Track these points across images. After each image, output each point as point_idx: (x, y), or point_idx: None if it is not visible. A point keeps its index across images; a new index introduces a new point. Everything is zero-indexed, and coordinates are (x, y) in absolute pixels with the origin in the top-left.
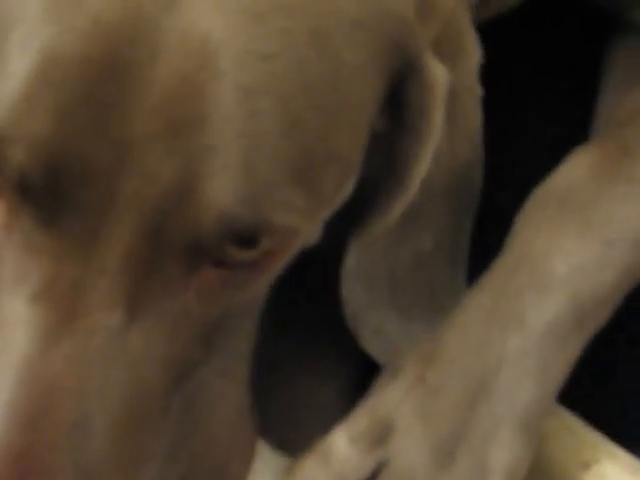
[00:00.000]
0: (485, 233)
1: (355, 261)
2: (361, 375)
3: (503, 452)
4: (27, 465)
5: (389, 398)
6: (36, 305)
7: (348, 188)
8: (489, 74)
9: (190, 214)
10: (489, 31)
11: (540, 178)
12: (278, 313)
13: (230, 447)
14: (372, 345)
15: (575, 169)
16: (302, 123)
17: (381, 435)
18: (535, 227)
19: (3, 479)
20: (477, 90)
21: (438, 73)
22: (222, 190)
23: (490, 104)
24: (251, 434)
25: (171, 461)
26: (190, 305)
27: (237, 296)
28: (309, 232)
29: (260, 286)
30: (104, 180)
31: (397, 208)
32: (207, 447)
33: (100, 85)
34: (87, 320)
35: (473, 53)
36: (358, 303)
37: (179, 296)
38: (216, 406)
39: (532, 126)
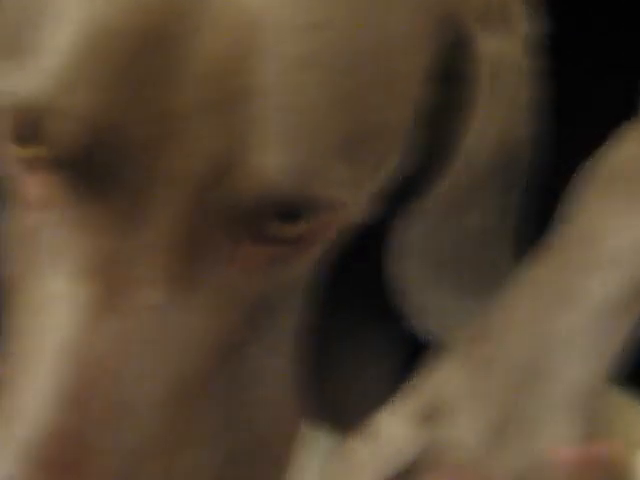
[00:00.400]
0: (535, 208)
1: (403, 238)
2: (411, 352)
3: (555, 431)
4: (73, 444)
5: (440, 377)
6: (78, 282)
7: (395, 163)
8: (557, 45)
9: (234, 188)
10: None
11: (595, 152)
12: (328, 290)
13: (275, 426)
14: (421, 322)
15: (629, 143)
16: (349, 95)
17: (431, 414)
18: (590, 202)
19: (46, 460)
20: (527, 62)
21: (486, 45)
22: (267, 163)
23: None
24: (297, 412)
25: (217, 438)
26: (235, 281)
27: (282, 272)
28: (355, 208)
29: (306, 263)
30: (148, 153)
31: (445, 183)
32: (252, 426)
33: (144, 57)
34: (130, 297)
35: (522, 24)
36: (406, 280)
37: (224, 272)
38: (262, 384)
39: (596, 98)
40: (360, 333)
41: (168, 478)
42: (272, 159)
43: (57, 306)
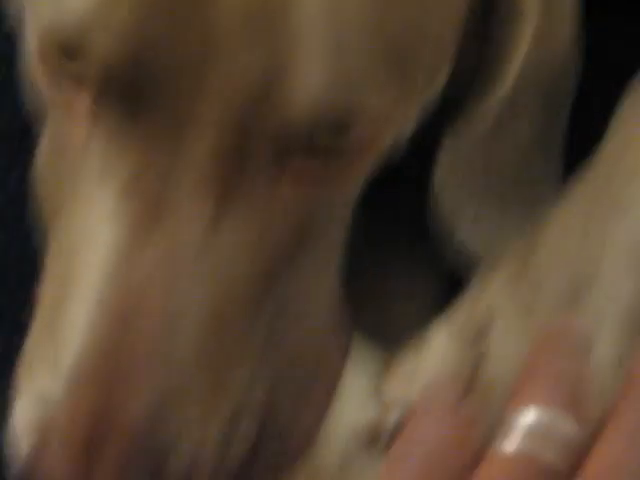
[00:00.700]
0: (583, 126)
1: (449, 156)
2: (456, 271)
3: (607, 349)
4: (118, 363)
5: (488, 293)
6: (124, 199)
7: (442, 77)
8: None
9: (280, 104)
10: None
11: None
12: (372, 208)
13: (324, 344)
14: (467, 239)
15: None
16: (393, 6)
17: (480, 330)
18: (634, 114)
19: (93, 377)
20: None
21: None
22: (311, 79)
23: None
24: (346, 330)
25: (267, 355)
26: (281, 198)
27: (330, 189)
28: (402, 122)
29: (353, 180)
30: (190, 72)
31: (493, 99)
32: (301, 344)
33: None
34: (176, 215)
35: None
36: (452, 198)
37: (270, 188)
38: (310, 302)
39: None
40: (407, 242)
41: (218, 393)
42: (315, 74)
43: (102, 224)
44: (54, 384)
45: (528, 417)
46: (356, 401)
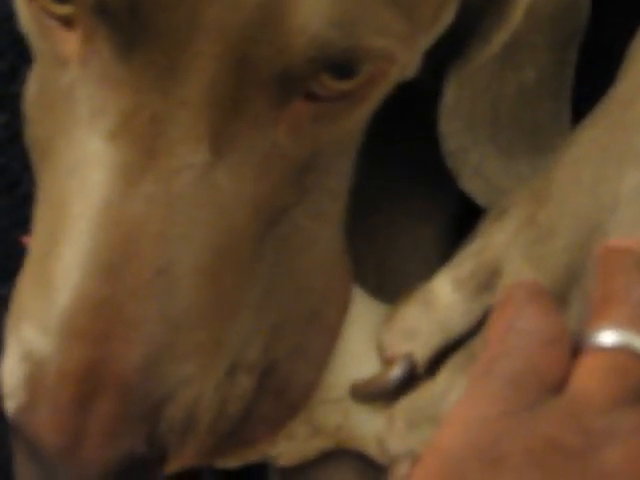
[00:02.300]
0: (592, 65)
1: (454, 96)
2: (460, 217)
3: None
4: (110, 315)
5: (496, 240)
6: (115, 142)
7: (448, 14)
8: None
9: (278, 40)
10: None
11: None
12: (374, 152)
13: (324, 292)
14: (472, 185)
15: None
16: None
17: (487, 280)
18: None
19: (84, 329)
20: None
21: None
22: (312, 12)
23: None
24: (346, 279)
25: (264, 308)
26: (281, 141)
27: (331, 132)
28: (407, 60)
29: (355, 121)
30: (186, 4)
31: (499, 37)
32: (301, 293)
33: None
34: (170, 157)
35: None
36: (458, 140)
37: (269, 131)
38: (310, 250)
39: None
40: (409, 192)
41: (214, 347)
42: (317, 7)
43: (93, 168)
44: (43, 338)
45: (610, 337)
46: (356, 354)
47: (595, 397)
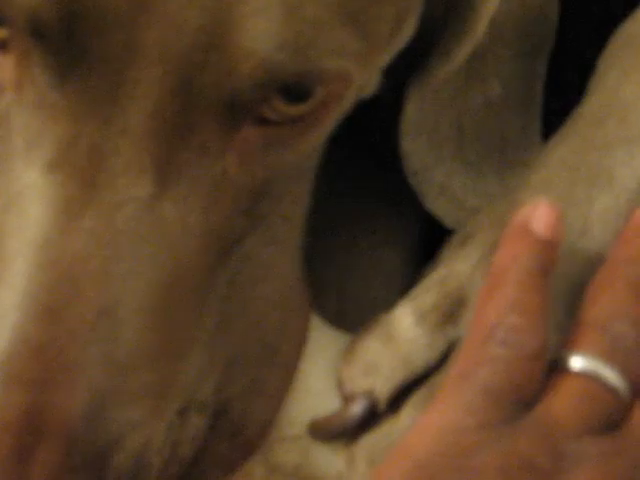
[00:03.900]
0: (562, 77)
1: (417, 112)
2: (426, 239)
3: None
4: (51, 359)
5: (459, 268)
6: (53, 174)
7: (407, 29)
8: None
9: (225, 64)
10: None
11: (625, 16)
12: (333, 170)
13: (280, 324)
14: (437, 205)
15: None
16: None
17: (451, 311)
18: (622, 71)
19: (23, 376)
20: None
21: None
22: (260, 33)
23: None
24: (304, 309)
25: (216, 344)
26: (230, 169)
27: (284, 157)
28: (363, 81)
29: (310, 144)
30: (124, 26)
31: (463, 50)
32: (255, 326)
33: None
34: (111, 190)
35: None
36: (421, 159)
37: (217, 159)
38: (264, 279)
39: None
40: (371, 214)
41: (163, 388)
42: (266, 28)
43: (30, 201)
44: None
45: (580, 363)
46: (315, 390)
47: (567, 421)
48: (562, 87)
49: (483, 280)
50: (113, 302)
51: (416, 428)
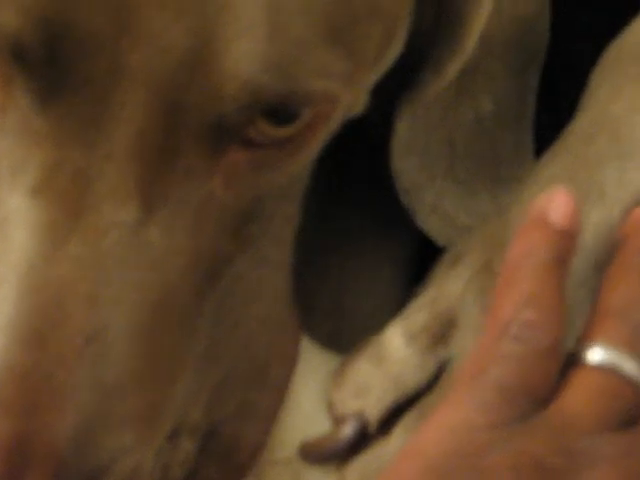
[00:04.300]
0: (556, 91)
1: (407, 130)
2: (419, 258)
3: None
4: (38, 384)
5: (450, 289)
6: (38, 199)
7: (395, 48)
8: None
9: (210, 86)
10: None
11: (618, 28)
12: (324, 188)
13: (271, 346)
14: (430, 224)
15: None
16: None
17: (442, 332)
18: (613, 87)
19: (10, 401)
20: None
21: None
22: (245, 55)
23: None
24: (294, 330)
25: (206, 366)
26: (217, 192)
27: (272, 178)
28: (351, 100)
29: (298, 165)
30: (107, 49)
31: (452, 67)
32: (245, 348)
33: None
34: (97, 215)
35: None
36: (412, 177)
37: (203, 182)
38: (254, 301)
39: None
40: (362, 234)
41: (153, 413)
42: (250, 49)
43: (15, 227)
44: None
45: (598, 355)
46: (306, 412)
47: (581, 418)
48: (554, 101)
49: (474, 301)
50: (101, 327)
51: (428, 426)
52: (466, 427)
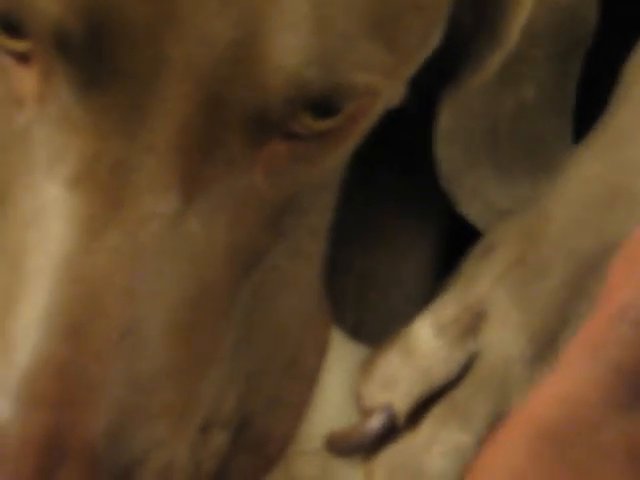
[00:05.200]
0: (595, 79)
1: (450, 121)
2: (446, 250)
3: None
4: (74, 378)
5: (481, 281)
6: (76, 190)
7: (435, 40)
8: None
9: (254, 79)
10: None
11: None
12: (352, 180)
13: (302, 337)
14: (471, 210)
15: None
16: None
17: (472, 324)
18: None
19: (45, 394)
20: None
21: None
22: (290, 48)
23: None
24: (325, 321)
25: (238, 358)
26: (257, 184)
27: (311, 171)
28: (392, 92)
29: (337, 158)
30: (151, 41)
31: (495, 59)
32: (278, 338)
33: None
34: (136, 206)
35: None
36: (455, 164)
37: (243, 174)
38: (287, 292)
39: None
40: (393, 223)
41: (186, 406)
42: (295, 43)
43: (52, 218)
44: (1, 403)
45: None
46: (335, 403)
47: None
48: (596, 87)
49: (505, 294)
50: (137, 320)
51: (538, 396)
52: (581, 401)
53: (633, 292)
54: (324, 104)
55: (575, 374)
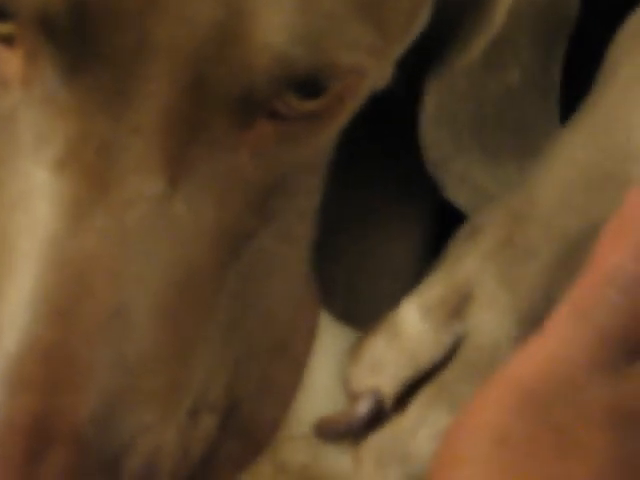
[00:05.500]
0: (578, 62)
1: (435, 103)
2: (435, 235)
3: None
4: (61, 361)
5: (468, 263)
6: (62, 172)
7: (422, 20)
8: None
9: (238, 59)
10: None
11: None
12: (340, 165)
13: (291, 321)
14: (459, 194)
15: None
16: None
17: (458, 306)
18: (633, 68)
19: (32, 378)
20: None
21: None
22: (275, 27)
23: None
24: (313, 305)
25: (227, 341)
26: (243, 165)
27: (298, 152)
28: (378, 73)
29: (323, 139)
30: (134, 22)
31: (480, 40)
32: (266, 322)
33: None
34: (122, 188)
35: None
36: (441, 149)
37: (230, 155)
38: (276, 275)
39: None
40: (380, 208)
41: (174, 390)
42: (280, 22)
43: (39, 200)
44: None
45: None
46: (324, 387)
47: None
48: (581, 69)
49: (492, 275)
50: (124, 302)
51: (520, 357)
52: (565, 361)
53: (621, 258)
54: (310, 83)
55: (560, 336)
